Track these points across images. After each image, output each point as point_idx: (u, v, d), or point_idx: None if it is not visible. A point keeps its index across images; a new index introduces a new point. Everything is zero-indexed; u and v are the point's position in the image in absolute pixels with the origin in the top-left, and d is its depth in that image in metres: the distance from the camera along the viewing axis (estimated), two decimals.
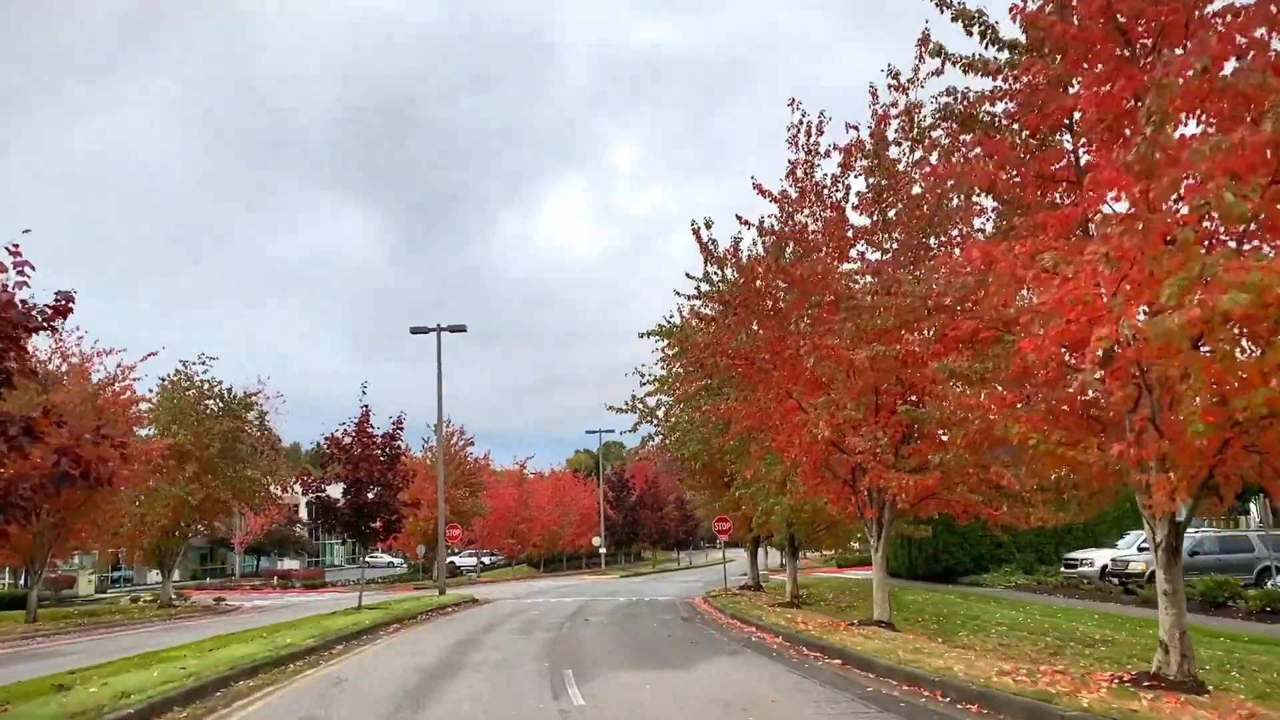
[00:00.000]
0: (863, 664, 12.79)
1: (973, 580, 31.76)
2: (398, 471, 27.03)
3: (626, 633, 20.17)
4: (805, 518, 23.02)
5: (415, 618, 26.03)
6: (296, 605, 39.39)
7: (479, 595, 37.62)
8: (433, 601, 31.26)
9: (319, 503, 25.89)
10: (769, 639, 17.66)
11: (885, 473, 15.86)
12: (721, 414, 20.05)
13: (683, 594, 37.65)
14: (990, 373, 10.71)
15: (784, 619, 19.97)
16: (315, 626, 20.26)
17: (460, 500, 56.79)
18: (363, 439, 26.29)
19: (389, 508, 26.43)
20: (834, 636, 15.61)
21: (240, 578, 68.88)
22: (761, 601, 27.06)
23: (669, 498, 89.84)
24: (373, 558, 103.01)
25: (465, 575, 66.71)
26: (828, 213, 17.91)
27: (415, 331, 36.70)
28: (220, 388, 37.74)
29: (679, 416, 31.10)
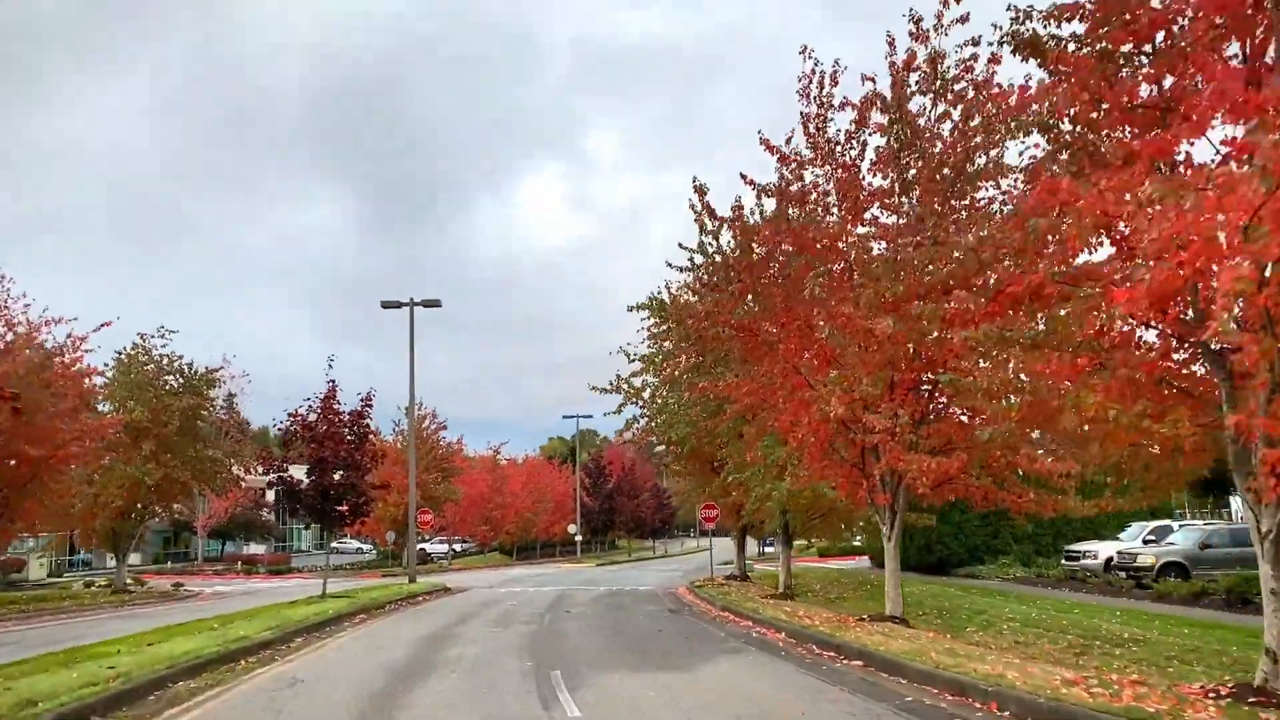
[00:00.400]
0: (890, 667, 11.31)
1: (968, 572, 30.49)
2: (366, 451, 25.32)
3: (613, 626, 18.64)
4: (804, 504, 21.56)
5: (383, 608, 24.39)
6: (259, 592, 37.61)
7: (451, 584, 35.95)
8: (402, 590, 29.60)
9: (282, 484, 24.12)
10: (771, 635, 16.18)
11: (903, 455, 14.39)
12: (720, 391, 18.53)
13: (664, 584, 36.21)
14: (1044, 336, 9.20)
15: (782, 612, 18.51)
16: (274, 617, 18.58)
17: (432, 485, 55.12)
18: (329, 416, 24.56)
19: (356, 490, 24.71)
20: (847, 634, 14.14)
21: (203, 562, 66.76)
22: (752, 593, 25.62)
23: (645, 485, 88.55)
24: (341, 543, 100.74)
25: (436, 563, 64.94)
26: (840, 172, 16.38)
27: (387, 306, 34.92)
28: (180, 363, 35.88)
29: (666, 398, 29.58)
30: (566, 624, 19.19)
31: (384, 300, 34.86)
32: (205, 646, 13.26)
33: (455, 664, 12.89)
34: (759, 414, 22.52)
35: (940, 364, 14.86)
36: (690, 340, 23.38)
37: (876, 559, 39.29)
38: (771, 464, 21.99)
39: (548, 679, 11.28)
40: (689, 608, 23.60)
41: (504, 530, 69.26)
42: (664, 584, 35.93)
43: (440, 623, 19.90)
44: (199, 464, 36.16)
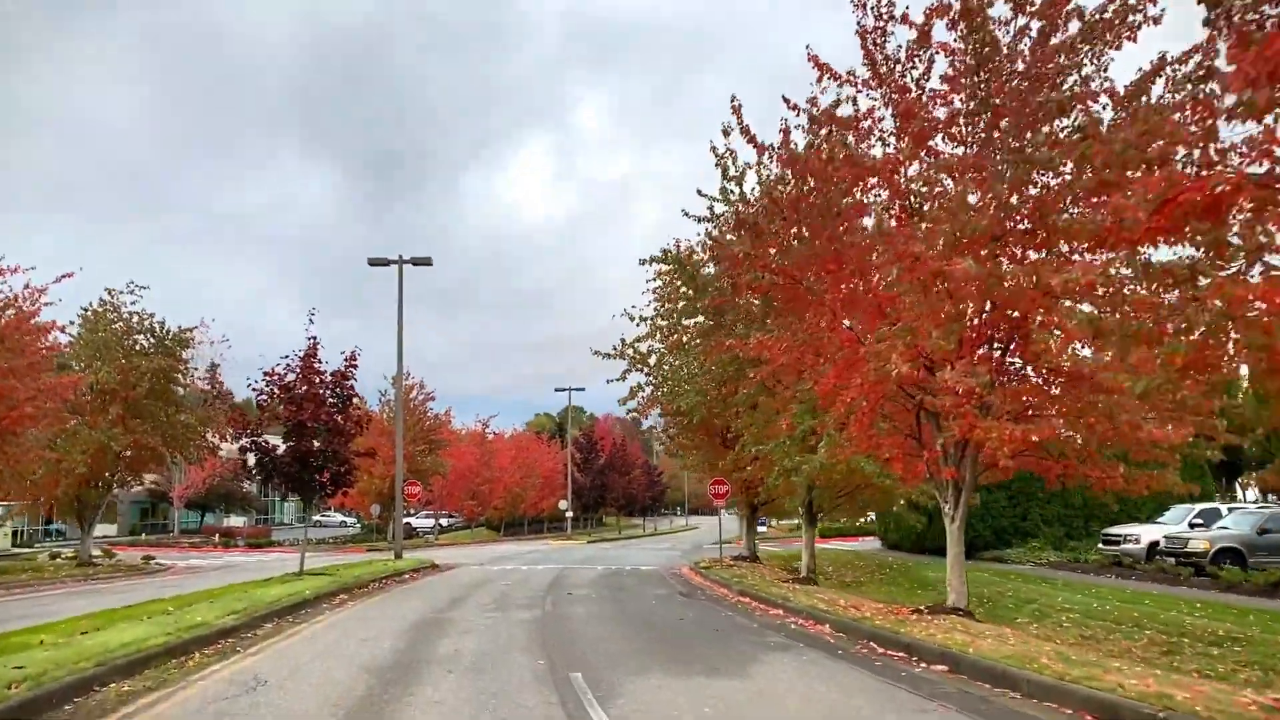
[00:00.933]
0: (992, 676, 9.17)
1: (995, 556, 28.52)
2: (349, 416, 23.03)
3: (626, 613, 16.50)
4: (836, 480, 19.40)
5: (366, 586, 22.19)
6: (234, 566, 35.49)
7: (439, 560, 33.82)
8: (388, 567, 27.42)
9: (255, 450, 21.83)
10: (813, 627, 14.05)
11: (979, 421, 12.23)
12: (751, 351, 16.27)
13: (665, 564, 34.13)
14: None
15: (818, 600, 16.41)
16: (242, 597, 16.36)
17: (419, 458, 52.94)
18: (308, 376, 22.25)
19: (338, 458, 22.44)
20: (913, 630, 12.02)
21: (179, 534, 64.47)
22: (769, 576, 23.54)
23: (636, 462, 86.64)
24: (324, 516, 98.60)
25: (422, 537, 62.83)
26: (901, 96, 14.12)
27: (374, 263, 32.53)
28: (151, 321, 33.52)
29: (674, 365, 27.38)
30: (572, 608, 17.05)
31: (371, 257, 32.49)
32: (151, 636, 11.03)
33: (452, 661, 10.71)
34: (791, 378, 20.42)
35: (1028, 317, 12.71)
36: (711, 294, 21.22)
37: (888, 540, 37.34)
38: (799, 435, 19.89)
39: (569, 685, 9.11)
40: (701, 591, 21.50)
41: (491, 505, 67.27)
42: (664, 564, 33.86)
43: (430, 606, 17.74)
44: (171, 430, 33.90)
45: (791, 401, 20.68)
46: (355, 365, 23.31)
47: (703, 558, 33.61)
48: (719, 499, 28.19)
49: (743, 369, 22.14)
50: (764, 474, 24.02)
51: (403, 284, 32.40)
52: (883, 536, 38.25)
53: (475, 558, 38.38)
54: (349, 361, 23.25)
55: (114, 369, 31.12)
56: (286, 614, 15.69)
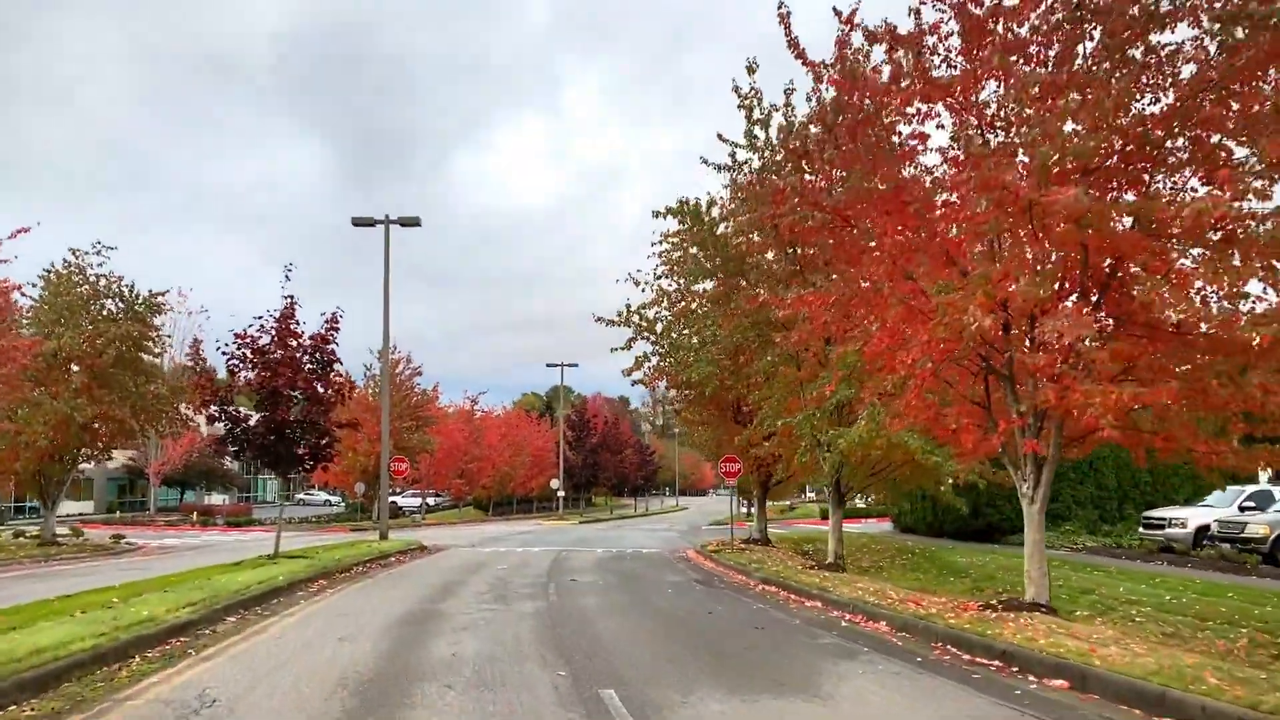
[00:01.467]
0: (1140, 698, 7.20)
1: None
2: (330, 383, 20.88)
3: (644, 605, 14.51)
4: (875, 455, 17.37)
5: (348, 571, 20.16)
6: (210, 546, 33.43)
7: (427, 541, 31.81)
8: (372, 548, 25.37)
9: (225, 419, 19.69)
10: (868, 625, 12.08)
11: (1078, 383, 10.23)
12: (787, 307, 14.23)
13: (667, 546, 32.21)
14: None
15: (865, 592, 14.41)
16: (204, 585, 14.26)
17: (406, 435, 50.81)
18: (284, 338, 20.08)
19: (317, 428, 20.29)
20: (1002, 631, 10.04)
21: (156, 512, 62.14)
22: (791, 562, 21.58)
23: (628, 441, 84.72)
24: (308, 494, 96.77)
25: (408, 517, 60.78)
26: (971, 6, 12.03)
27: (359, 223, 30.29)
28: (120, 285, 31.22)
29: (683, 334, 25.30)
30: (582, 599, 15.03)
31: (355, 217, 30.24)
32: (78, 638, 8.94)
33: (450, 672, 8.68)
34: (819, 344, 18.44)
35: (1123, 257, 10.72)
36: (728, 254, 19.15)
37: (901, 523, 35.48)
38: (831, 407, 17.89)
39: (603, 709, 7.08)
40: (719, 579, 19.54)
41: (480, 485, 65.24)
42: (666, 546, 31.93)
43: (419, 594, 15.71)
44: (141, 401, 31.64)
45: (822, 370, 18.68)
46: (337, 328, 21.16)
47: (707, 540, 31.71)
48: (730, 477, 26.20)
49: (764, 334, 20.12)
50: (782, 450, 22.06)
51: (389, 247, 30.21)
52: (895, 519, 36.34)
53: (465, 538, 36.38)
54: (330, 324, 21.10)
55: (78, 335, 28.87)
56: (254, 605, 13.63)
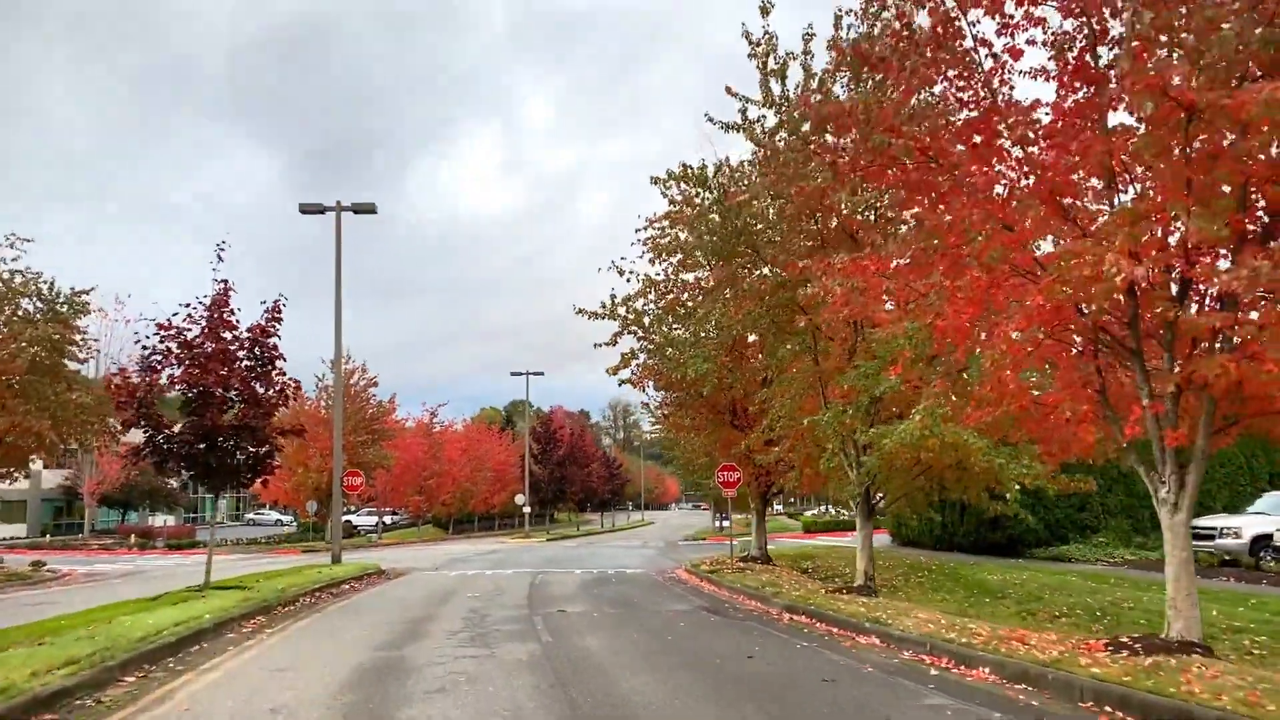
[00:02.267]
0: None
1: (1054, 554, 24.13)
2: (271, 382, 17.74)
3: (662, 646, 11.63)
4: (927, 458, 14.58)
5: (293, 603, 17.05)
6: (142, 573, 30.04)
7: (385, 563, 28.61)
8: (323, 574, 22.20)
9: (145, 423, 16.51)
10: (974, 675, 9.27)
11: (1271, 351, 7.59)
12: (837, 274, 11.48)
13: (651, 565, 29.35)
14: None
15: (937, 627, 11.63)
16: (100, 631, 11.11)
17: (361, 449, 47.53)
18: (217, 329, 16.97)
19: (256, 435, 17.12)
20: (1182, 684, 7.31)
21: (91, 535, 58.02)
22: (808, 584, 18.87)
23: (594, 454, 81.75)
24: (258, 514, 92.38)
25: (364, 536, 57.35)
26: None
27: (307, 210, 27.16)
28: (38, 282, 27.88)
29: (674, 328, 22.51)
30: (582, 640, 12.10)
31: (303, 203, 27.08)
32: None
33: None
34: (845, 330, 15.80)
35: None
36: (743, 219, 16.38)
37: (902, 536, 32.88)
38: (867, 403, 15.22)
39: None
40: (730, 606, 16.73)
41: (440, 501, 61.88)
42: (651, 565, 29.06)
43: (378, 635, 12.69)
44: (62, 411, 28.23)
45: (849, 361, 15.99)
46: (279, 319, 18.03)
47: (696, 558, 28.86)
48: (729, 488, 23.37)
49: (779, 320, 17.38)
50: (793, 456, 19.33)
51: (340, 236, 27.11)
52: (894, 531, 33.72)
53: (427, 559, 33.17)
54: (271, 314, 17.97)
55: None
56: (164, 657, 10.55)
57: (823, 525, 49.66)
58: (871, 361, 14.71)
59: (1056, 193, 9.38)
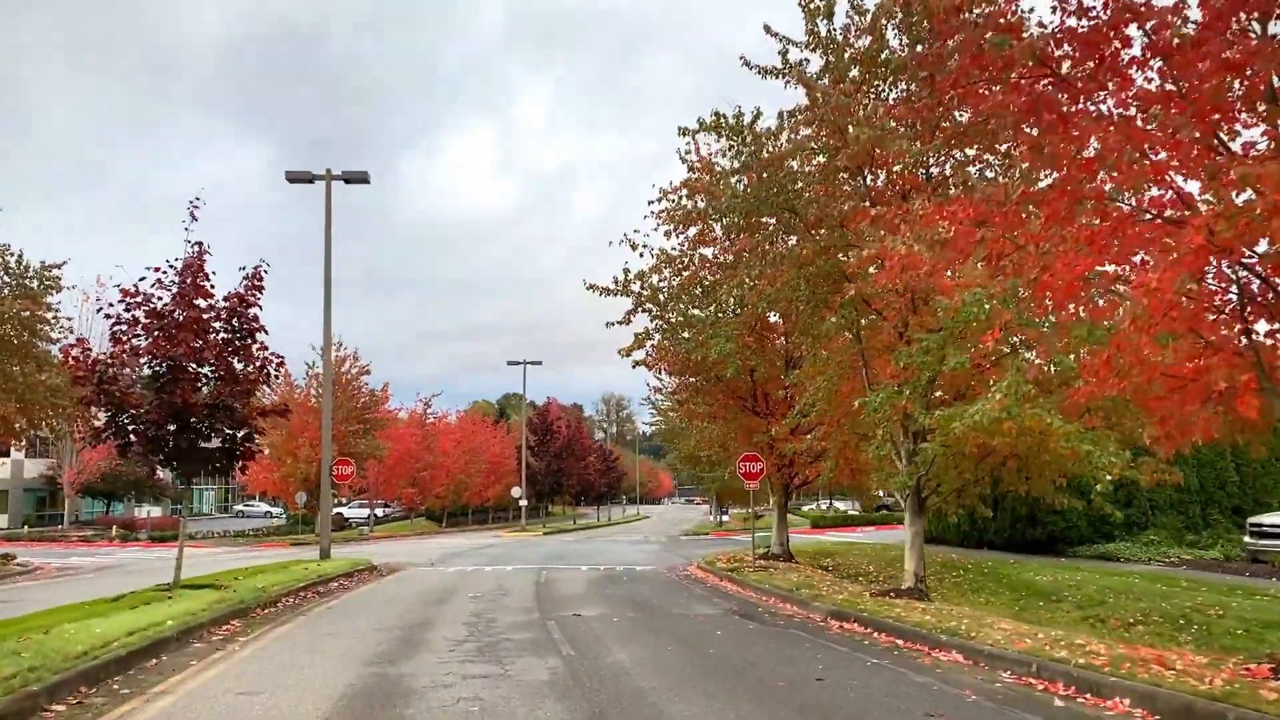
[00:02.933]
0: None
1: (1100, 552, 22.39)
2: (251, 356, 15.87)
3: (708, 663, 9.81)
4: (1004, 443, 12.71)
5: (275, 604, 15.21)
6: (119, 568, 28.26)
7: (377, 558, 26.79)
8: (310, 570, 20.37)
9: (104, 399, 14.59)
10: (1113, 707, 7.46)
11: None
12: (919, 223, 9.65)
13: (659, 560, 27.57)
14: None
15: (1037, 640, 9.83)
16: (34, 643, 9.23)
17: (352, 439, 45.60)
18: (189, 297, 15.10)
19: (234, 416, 15.24)
20: None
21: (70, 526, 56.01)
22: (848, 586, 17.11)
23: (591, 446, 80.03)
24: (247, 506, 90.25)
25: (355, 529, 55.45)
26: None
27: (294, 179, 25.22)
28: (5, 254, 26.00)
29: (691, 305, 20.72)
30: (610, 655, 10.26)
31: (290, 171, 25.14)
32: None
33: None
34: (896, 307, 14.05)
35: None
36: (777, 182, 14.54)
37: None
38: (925, 382, 13.42)
39: None
40: (763, 610, 14.95)
41: (433, 494, 60.10)
42: (660, 561, 27.28)
43: (370, 646, 10.85)
44: (31, 394, 26.32)
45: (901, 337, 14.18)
46: (260, 286, 16.12)
47: (710, 554, 27.03)
48: (751, 480, 21.50)
49: (820, 292, 15.54)
50: (828, 445, 17.52)
51: (330, 205, 25.16)
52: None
53: (421, 554, 31.32)
54: (251, 281, 16.06)
55: None
56: (107, 677, 8.70)
57: (831, 520, 47.86)
58: (933, 334, 12.88)
59: (1205, 114, 7.58)
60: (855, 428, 16.78)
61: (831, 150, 14.38)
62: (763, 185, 14.64)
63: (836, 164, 14.72)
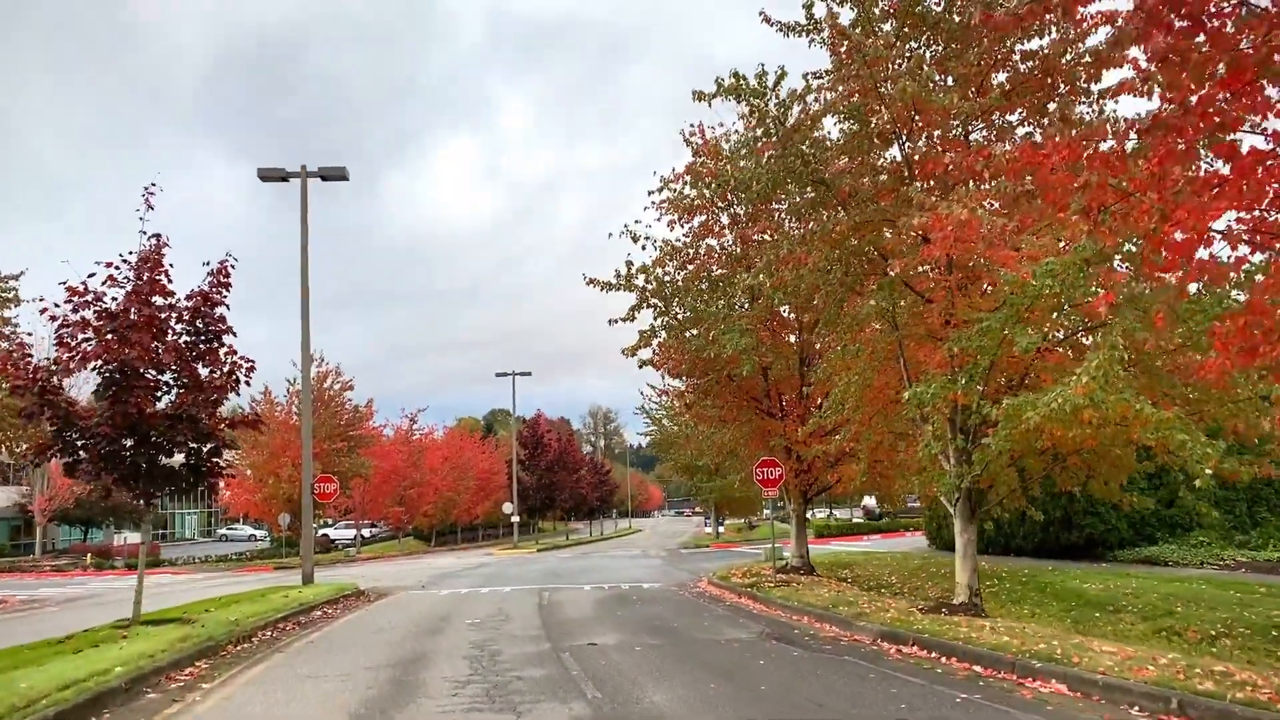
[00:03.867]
0: None
1: (1143, 556, 20.81)
2: (216, 361, 14.11)
3: (767, 707, 8.15)
4: (1082, 436, 11.05)
5: (250, 639, 13.46)
6: (90, 598, 26.65)
7: (364, 581, 24.99)
8: (291, 598, 18.60)
9: (48, 411, 12.80)
10: None
11: None
12: (1004, 166, 8.07)
13: (665, 576, 25.89)
14: None
15: (1164, 668, 8.23)
16: None
17: (336, 458, 43.71)
18: (145, 295, 13.38)
19: (198, 428, 13.51)
20: None
21: (43, 555, 53.84)
22: (890, 602, 15.45)
23: (583, 459, 78.30)
24: (230, 530, 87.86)
25: (342, 550, 53.51)
26: None
27: (266, 177, 23.52)
28: None
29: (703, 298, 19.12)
30: (646, 695, 8.59)
31: (263, 169, 23.45)
32: None
33: None
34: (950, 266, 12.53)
35: None
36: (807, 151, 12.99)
37: (941, 539, 29.48)
38: (982, 370, 11.84)
39: None
40: (799, 631, 13.32)
41: (421, 512, 58.03)
42: (666, 577, 25.60)
43: (359, 694, 9.12)
44: None
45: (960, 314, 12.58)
46: (227, 284, 14.39)
47: (721, 568, 25.31)
48: (769, 487, 19.81)
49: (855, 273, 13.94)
50: (858, 445, 15.88)
51: (306, 203, 23.46)
52: (932, 534, 30.31)
53: (411, 576, 29.50)
54: (217, 278, 14.32)
55: None
56: None
57: (837, 529, 46.16)
58: (994, 312, 11.30)
59: None
60: (890, 425, 15.20)
61: (866, 114, 12.80)
62: (787, 154, 13.02)
63: (870, 129, 13.18)
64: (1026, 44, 12.83)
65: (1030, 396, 10.49)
